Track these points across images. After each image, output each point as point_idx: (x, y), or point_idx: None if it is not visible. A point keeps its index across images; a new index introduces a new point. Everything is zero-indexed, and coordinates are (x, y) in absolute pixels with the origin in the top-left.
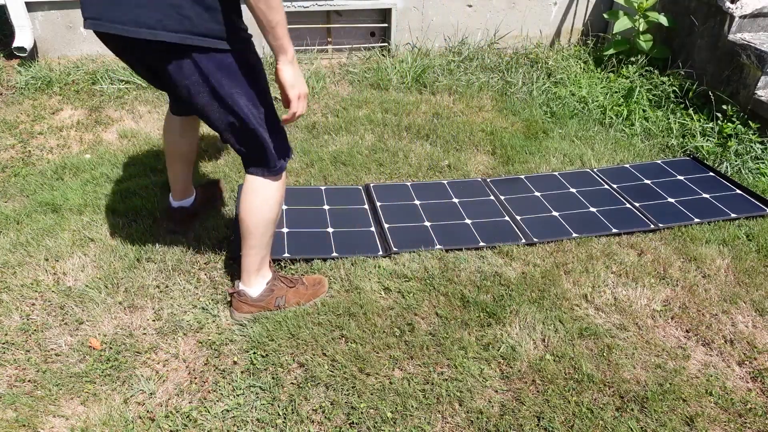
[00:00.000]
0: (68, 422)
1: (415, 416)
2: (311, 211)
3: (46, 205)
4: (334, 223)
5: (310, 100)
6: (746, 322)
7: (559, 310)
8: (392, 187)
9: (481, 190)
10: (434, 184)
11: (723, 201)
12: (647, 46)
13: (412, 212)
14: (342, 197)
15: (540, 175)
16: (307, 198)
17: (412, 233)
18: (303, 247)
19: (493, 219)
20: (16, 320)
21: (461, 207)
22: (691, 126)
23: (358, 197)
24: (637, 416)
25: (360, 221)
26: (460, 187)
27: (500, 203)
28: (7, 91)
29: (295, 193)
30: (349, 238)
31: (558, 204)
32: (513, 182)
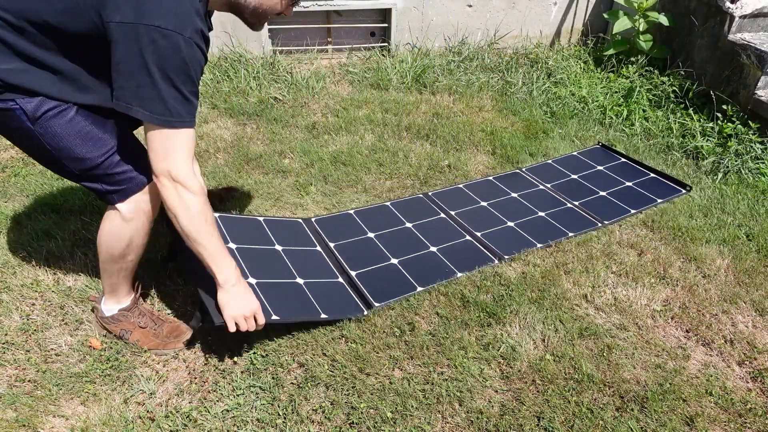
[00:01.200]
0: (68, 422)
1: (415, 416)
2: (266, 253)
3: (46, 205)
4: (298, 270)
5: (310, 100)
6: (746, 322)
7: (559, 310)
8: (337, 220)
9: (428, 208)
10: (377, 209)
11: (645, 187)
12: (647, 46)
13: (372, 250)
14: (288, 233)
15: (476, 182)
16: (250, 232)
17: (384, 278)
18: (285, 306)
19: (455, 241)
20: (16, 320)
21: (418, 232)
22: (691, 126)
23: (304, 235)
24: (637, 416)
25: (322, 268)
26: (405, 207)
27: (452, 219)
28: None
29: (234, 223)
30: (324, 293)
31: (507, 212)
32: (453, 193)
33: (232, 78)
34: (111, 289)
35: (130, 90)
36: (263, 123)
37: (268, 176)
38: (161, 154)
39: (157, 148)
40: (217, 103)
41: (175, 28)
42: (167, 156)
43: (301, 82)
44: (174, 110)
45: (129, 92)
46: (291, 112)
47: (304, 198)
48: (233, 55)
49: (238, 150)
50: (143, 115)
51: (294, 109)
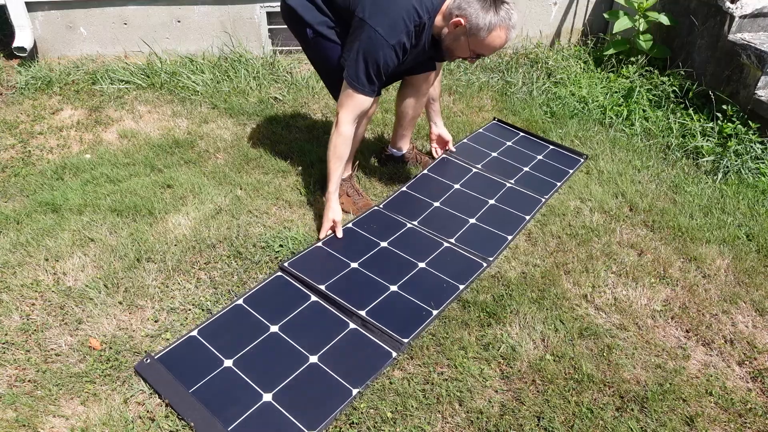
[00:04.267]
0: (68, 422)
1: (415, 416)
2: (266, 347)
3: (46, 205)
4: (306, 345)
5: (310, 100)
6: (746, 322)
7: (559, 310)
8: (310, 257)
9: (391, 222)
10: (344, 234)
11: (554, 159)
12: (647, 46)
13: (365, 281)
14: (275, 300)
15: (415, 180)
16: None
17: (395, 308)
18: (313, 411)
19: (436, 252)
20: (16, 320)
21: (397, 250)
22: (691, 126)
23: (291, 290)
24: (637, 416)
25: (328, 322)
26: (369, 224)
27: (421, 228)
28: (7, 91)
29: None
30: (344, 356)
31: (462, 208)
32: (401, 200)
33: (232, 78)
34: None
35: (346, 54)
36: (263, 123)
37: (268, 176)
38: (341, 101)
39: (341, 96)
40: (217, 103)
41: (385, 36)
42: (341, 104)
43: (301, 82)
44: (359, 79)
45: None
46: (291, 112)
47: (305, 198)
48: (233, 55)
49: (238, 150)
50: (345, 73)
51: (294, 109)
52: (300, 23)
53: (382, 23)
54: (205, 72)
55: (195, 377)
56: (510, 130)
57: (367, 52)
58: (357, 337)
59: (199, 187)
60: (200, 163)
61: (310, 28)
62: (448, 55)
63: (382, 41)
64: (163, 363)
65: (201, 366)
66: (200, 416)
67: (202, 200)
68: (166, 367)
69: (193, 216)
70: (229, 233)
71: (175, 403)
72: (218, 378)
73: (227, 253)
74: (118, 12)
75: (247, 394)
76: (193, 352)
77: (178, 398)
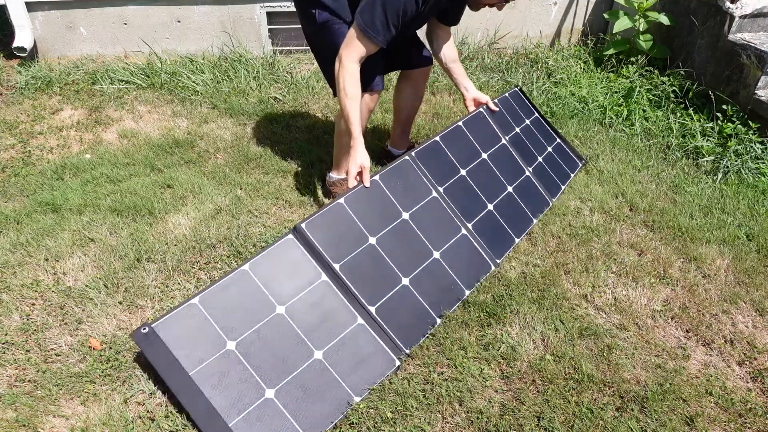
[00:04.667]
0: (68, 422)
1: (415, 416)
2: (271, 331)
3: (46, 205)
4: (313, 337)
5: (310, 100)
6: (746, 322)
7: (559, 310)
8: (327, 221)
9: (418, 182)
10: (368, 191)
11: (560, 155)
12: (647, 46)
13: (379, 266)
14: (283, 271)
15: (448, 131)
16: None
17: (402, 307)
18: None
19: (452, 240)
20: (16, 320)
21: (416, 227)
22: (691, 126)
23: (303, 262)
24: (637, 416)
25: (337, 313)
26: (396, 181)
27: (445, 202)
28: (7, 91)
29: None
30: (349, 355)
31: (483, 184)
32: (434, 152)
33: (232, 78)
34: (336, 163)
35: (362, 4)
36: (263, 123)
37: (268, 176)
38: (346, 43)
39: (346, 40)
40: (217, 103)
41: None
42: (346, 46)
43: (301, 82)
44: (374, 25)
45: (361, 4)
46: (291, 112)
47: (305, 198)
48: (233, 55)
49: (238, 150)
50: (357, 20)
51: (294, 109)
52: (310, 3)
53: None
54: (205, 72)
55: (195, 357)
56: (527, 106)
57: (388, 2)
58: (363, 335)
59: (199, 187)
60: (200, 163)
61: (318, 8)
62: (474, 5)
63: None
64: (162, 335)
65: (202, 344)
66: (201, 407)
67: (202, 200)
68: (164, 340)
69: (193, 216)
70: (229, 233)
71: (174, 387)
72: (220, 362)
73: (227, 253)
74: (118, 12)
75: (249, 386)
76: (193, 325)
77: (178, 381)
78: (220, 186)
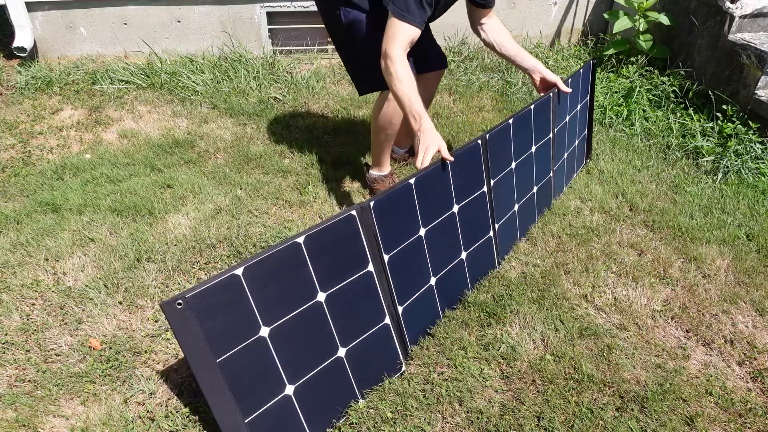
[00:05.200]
0: (68, 422)
1: (415, 416)
2: (304, 320)
3: (46, 205)
4: (342, 333)
5: (310, 100)
6: (746, 322)
7: (559, 310)
8: (393, 203)
9: (475, 169)
10: (434, 176)
11: (579, 151)
12: (647, 46)
13: (418, 262)
14: (334, 252)
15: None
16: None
17: (420, 306)
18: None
19: (480, 242)
20: (16, 320)
21: (460, 221)
22: (691, 126)
23: (355, 246)
24: (637, 416)
25: (370, 309)
26: (456, 168)
27: (489, 198)
28: (7, 91)
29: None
30: (365, 354)
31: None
32: (502, 136)
33: (232, 78)
34: (376, 161)
35: None
36: (263, 123)
37: (268, 176)
38: (387, 36)
39: (387, 32)
40: (217, 103)
41: None
42: (389, 39)
43: (301, 82)
44: (408, 8)
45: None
46: (291, 112)
47: (305, 198)
48: (233, 55)
49: (238, 150)
50: (391, 8)
51: (294, 109)
52: (333, 4)
53: None
54: (205, 72)
55: (225, 342)
56: (587, 85)
57: None
58: (385, 336)
59: (199, 187)
60: (200, 163)
61: (343, 6)
62: None
63: None
64: (196, 310)
65: (234, 325)
66: (221, 399)
67: (202, 200)
68: (197, 317)
69: (193, 216)
70: (229, 233)
71: (198, 375)
72: (249, 350)
73: (227, 253)
74: (118, 12)
75: (271, 380)
76: (230, 300)
77: (203, 368)
78: (220, 186)
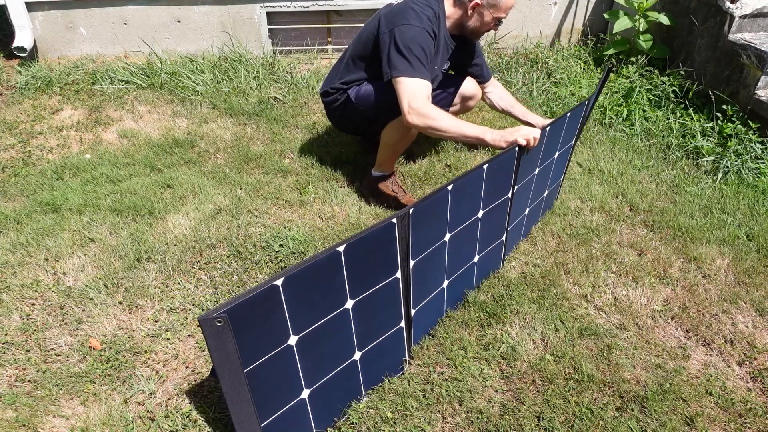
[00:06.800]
0: (68, 422)
1: (415, 416)
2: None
3: (46, 205)
4: (363, 337)
5: (310, 100)
6: (746, 322)
7: (559, 310)
8: (431, 208)
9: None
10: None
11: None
12: (647, 46)
13: (436, 266)
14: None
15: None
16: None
17: (429, 308)
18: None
19: (492, 245)
20: (16, 320)
21: (480, 228)
22: (691, 126)
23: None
24: (637, 416)
25: (390, 315)
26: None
27: (509, 204)
28: (7, 91)
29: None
30: (377, 356)
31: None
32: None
33: (232, 78)
34: (382, 162)
35: (385, 66)
36: (263, 123)
37: (268, 176)
38: (403, 100)
39: (400, 97)
40: (217, 103)
41: (413, 23)
42: (407, 100)
43: (301, 82)
44: (412, 66)
45: (385, 67)
46: (291, 112)
47: (305, 198)
48: (233, 55)
49: (238, 150)
50: (396, 73)
51: (294, 109)
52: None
53: (403, 18)
54: (205, 72)
55: (255, 351)
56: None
57: (405, 43)
58: (397, 338)
59: (199, 187)
60: (200, 163)
61: (349, 87)
62: (475, 37)
63: (416, 29)
64: (233, 324)
65: (266, 333)
66: (244, 408)
67: (202, 200)
68: (234, 330)
69: (193, 216)
70: (229, 233)
71: (225, 383)
72: (276, 358)
73: (227, 253)
74: (118, 12)
75: (291, 384)
76: (266, 310)
77: (230, 377)
78: (220, 186)
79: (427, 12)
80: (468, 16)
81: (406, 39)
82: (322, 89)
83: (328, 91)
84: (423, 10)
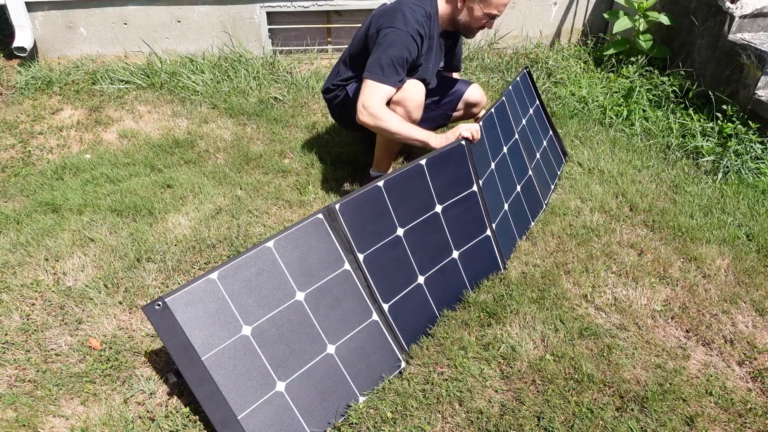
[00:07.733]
0: (68, 422)
1: (415, 416)
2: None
3: (46, 205)
4: (328, 329)
5: (310, 100)
6: (746, 322)
7: (559, 310)
8: (361, 204)
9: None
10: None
11: (552, 151)
12: (647, 46)
13: (400, 262)
14: (307, 255)
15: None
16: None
17: (411, 306)
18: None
19: (475, 241)
20: (16, 320)
21: (445, 223)
22: (691, 126)
23: (328, 247)
24: (637, 416)
25: (355, 308)
26: (440, 167)
27: (480, 198)
28: (7, 91)
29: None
30: (359, 352)
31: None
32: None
33: (232, 78)
34: (379, 161)
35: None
36: (263, 123)
37: (268, 176)
38: (364, 97)
39: (362, 93)
40: (217, 103)
41: (401, 27)
42: (366, 98)
43: (301, 82)
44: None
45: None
46: (291, 112)
47: (305, 198)
48: (233, 55)
49: (238, 150)
50: (367, 75)
51: (294, 109)
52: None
53: (389, 21)
54: (205, 72)
55: (209, 340)
56: (532, 92)
57: (384, 47)
58: (375, 332)
59: (199, 187)
60: (200, 163)
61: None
62: (469, 33)
63: (399, 32)
64: (176, 312)
65: (217, 325)
66: (211, 396)
67: (202, 200)
68: (178, 319)
69: (193, 216)
70: (229, 233)
71: (186, 373)
72: (234, 348)
73: (227, 253)
74: (118, 12)
75: (261, 377)
76: (209, 303)
77: (190, 366)
78: (220, 186)
79: (417, 13)
80: (458, 9)
81: (387, 43)
82: (324, 87)
83: (329, 88)
84: (414, 12)
